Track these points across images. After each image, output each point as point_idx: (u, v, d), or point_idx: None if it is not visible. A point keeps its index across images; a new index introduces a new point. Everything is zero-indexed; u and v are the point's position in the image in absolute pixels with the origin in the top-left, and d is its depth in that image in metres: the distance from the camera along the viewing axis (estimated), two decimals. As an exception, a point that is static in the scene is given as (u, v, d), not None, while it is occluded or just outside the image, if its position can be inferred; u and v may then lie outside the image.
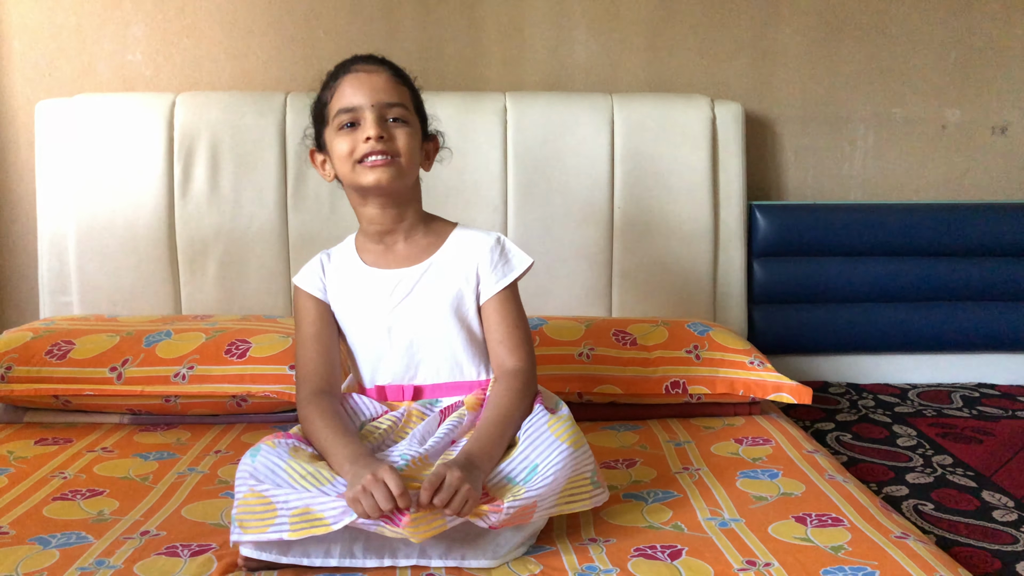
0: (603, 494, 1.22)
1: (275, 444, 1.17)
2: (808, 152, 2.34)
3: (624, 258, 2.10)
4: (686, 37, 2.27)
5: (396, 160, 1.29)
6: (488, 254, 1.34)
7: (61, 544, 1.18)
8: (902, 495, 1.58)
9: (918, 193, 2.37)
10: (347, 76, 1.31)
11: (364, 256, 1.37)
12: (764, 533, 1.22)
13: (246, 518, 1.10)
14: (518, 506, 1.10)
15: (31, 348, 1.68)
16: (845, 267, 2.24)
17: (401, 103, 1.31)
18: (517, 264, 1.35)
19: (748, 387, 1.71)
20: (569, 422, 1.23)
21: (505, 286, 1.33)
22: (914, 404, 2.09)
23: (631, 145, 2.09)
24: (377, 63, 1.34)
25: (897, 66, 2.32)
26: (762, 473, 1.44)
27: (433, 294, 1.32)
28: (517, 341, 1.32)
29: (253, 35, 2.20)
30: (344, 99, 1.29)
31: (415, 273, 1.33)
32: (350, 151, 1.29)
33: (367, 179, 1.28)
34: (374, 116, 1.28)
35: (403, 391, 1.33)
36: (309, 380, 1.31)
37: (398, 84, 1.33)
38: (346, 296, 1.35)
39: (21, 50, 2.16)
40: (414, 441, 1.21)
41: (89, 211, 2.02)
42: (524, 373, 1.29)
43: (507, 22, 2.24)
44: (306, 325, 1.36)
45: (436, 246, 1.35)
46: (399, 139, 1.29)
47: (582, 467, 1.19)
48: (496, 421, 1.21)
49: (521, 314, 1.35)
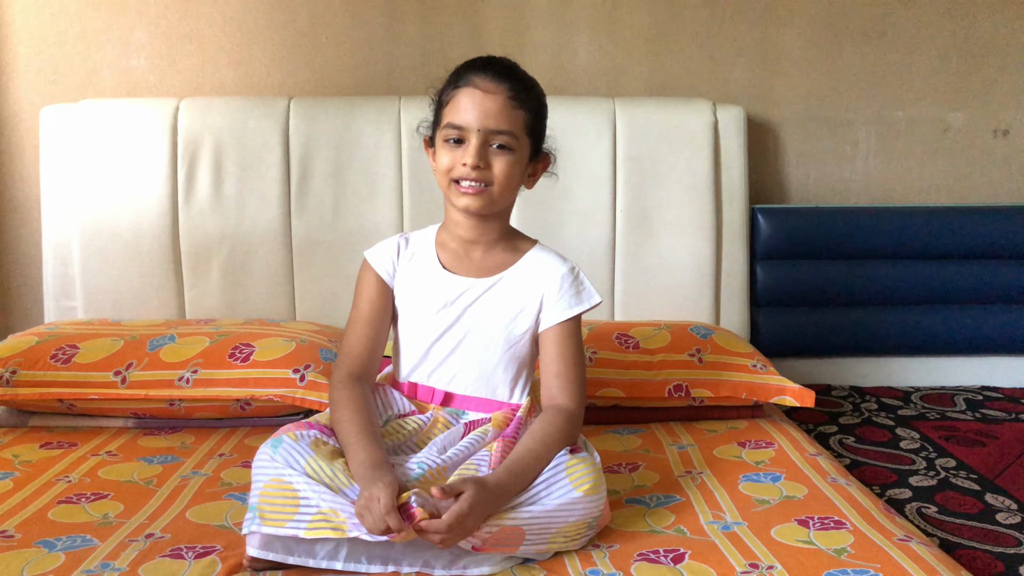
0: (592, 535, 1.22)
1: (297, 437, 1.17)
2: (810, 155, 2.34)
3: (626, 261, 2.10)
4: (688, 41, 2.27)
5: (488, 189, 1.28)
6: (559, 281, 1.33)
7: (66, 547, 1.19)
8: (905, 498, 1.58)
9: (920, 196, 2.37)
10: (466, 89, 1.26)
11: (441, 253, 1.36)
12: (767, 536, 1.22)
13: (267, 509, 1.10)
14: (499, 526, 1.10)
15: (36, 352, 1.69)
16: (847, 270, 2.24)
17: (510, 131, 1.27)
18: (586, 299, 1.34)
19: (751, 390, 1.71)
20: (589, 467, 1.21)
21: (569, 318, 1.32)
22: (917, 407, 2.09)
23: (633, 149, 2.10)
24: (499, 79, 1.27)
25: (899, 69, 2.32)
26: (765, 476, 1.44)
27: (494, 310, 1.32)
28: (572, 380, 1.30)
29: (256, 41, 2.21)
30: (455, 114, 1.27)
31: (483, 285, 1.33)
32: (449, 168, 1.28)
33: (458, 202, 1.29)
34: (478, 142, 1.25)
35: (433, 394, 1.33)
36: (348, 362, 1.32)
37: (513, 108, 1.27)
38: (413, 288, 1.35)
39: (26, 56, 2.18)
40: (434, 450, 1.22)
41: (93, 216, 2.03)
42: (573, 416, 1.28)
43: (509, 26, 2.24)
44: (363, 304, 1.35)
45: (511, 263, 1.35)
46: (497, 167, 1.27)
47: (586, 513, 1.18)
48: (535, 457, 1.20)
49: (580, 352, 1.33)
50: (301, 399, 1.62)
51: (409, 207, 2.07)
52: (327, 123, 2.06)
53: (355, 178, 2.06)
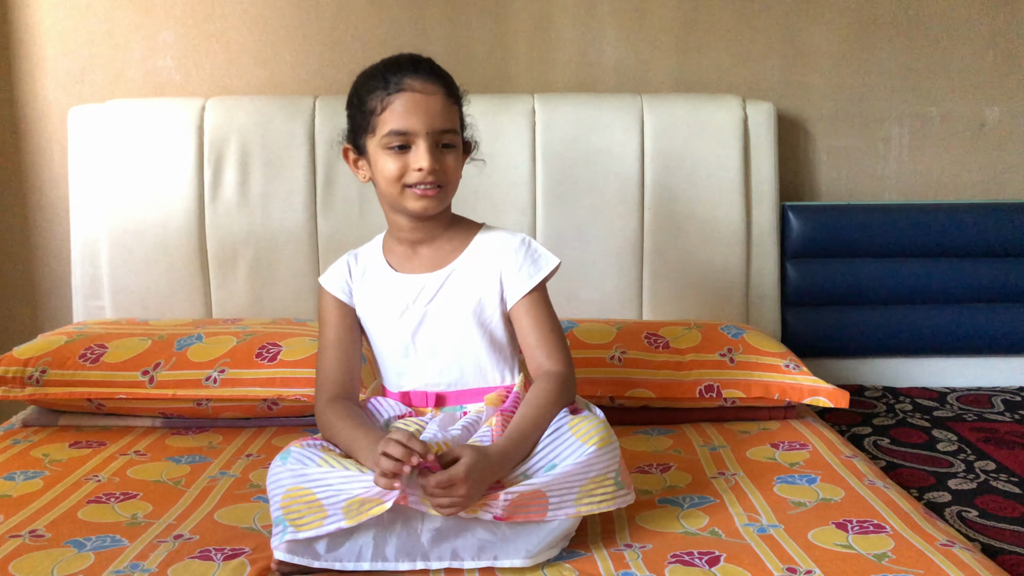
0: (628, 495, 1.20)
1: (304, 446, 1.17)
2: (842, 152, 2.30)
3: (655, 260, 2.07)
4: (717, 36, 2.24)
5: (443, 189, 1.27)
6: (512, 256, 1.32)
7: (96, 547, 1.19)
8: (944, 501, 1.54)
9: (956, 193, 2.32)
10: (403, 94, 1.24)
11: (390, 258, 1.36)
12: (804, 540, 1.19)
13: (295, 516, 1.10)
14: (518, 492, 1.09)
15: (65, 352, 1.70)
16: (880, 268, 2.20)
17: (453, 128, 1.27)
18: (544, 264, 1.32)
19: (784, 391, 1.68)
20: (593, 422, 1.19)
21: (533, 287, 1.31)
22: (954, 408, 2.04)
23: (661, 146, 2.07)
24: (433, 80, 1.27)
25: (933, 63, 2.27)
26: (800, 478, 1.41)
27: (456, 300, 1.31)
28: (553, 344, 1.30)
29: (281, 39, 2.21)
30: (397, 120, 1.24)
31: (438, 278, 1.32)
32: (399, 175, 1.25)
33: (413, 206, 1.27)
34: (427, 144, 1.24)
35: (427, 397, 1.32)
36: (326, 387, 1.31)
37: (451, 105, 1.28)
38: (371, 300, 1.34)
39: (54, 57, 2.19)
40: (435, 426, 1.22)
41: (121, 216, 2.04)
42: (563, 377, 1.27)
43: (535, 23, 2.22)
44: (328, 329, 1.35)
45: (460, 250, 1.33)
46: (448, 167, 1.27)
47: (604, 467, 1.16)
48: (532, 421, 1.19)
49: (553, 316, 1.33)
50: (328, 399, 1.61)
51: (435, 206, 2.05)
52: (352, 122, 2.05)
53: (381, 177, 2.05)
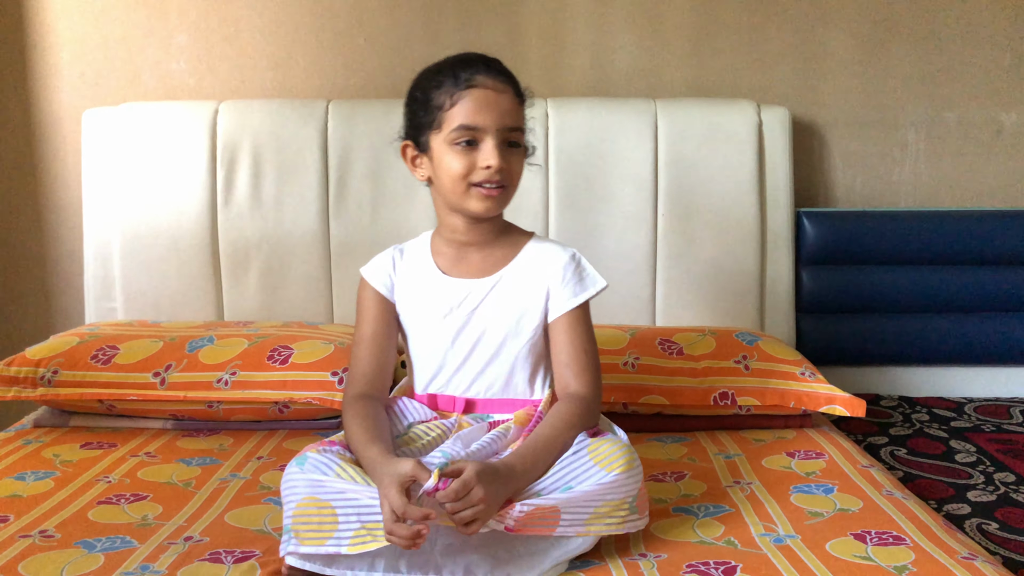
0: (640, 521, 1.18)
1: (321, 452, 1.15)
2: (857, 157, 2.28)
3: (668, 266, 2.06)
4: (731, 41, 2.23)
5: (507, 190, 1.26)
6: (561, 271, 1.30)
7: (106, 548, 1.18)
8: (964, 513, 1.51)
9: (972, 200, 2.29)
10: (474, 90, 1.23)
11: (438, 259, 1.33)
12: (822, 551, 1.17)
13: (302, 528, 1.08)
14: (535, 505, 1.08)
15: (77, 353, 1.69)
16: (896, 276, 2.18)
17: (521, 127, 1.26)
18: (590, 284, 1.31)
19: (799, 399, 1.66)
20: (615, 446, 1.17)
21: (576, 306, 1.29)
22: (971, 419, 2.02)
23: (675, 151, 2.05)
24: (504, 80, 1.26)
25: (950, 68, 2.25)
26: (816, 488, 1.39)
27: (501, 309, 1.29)
28: (583, 366, 1.28)
29: (294, 44, 2.21)
30: (467, 115, 1.22)
31: (485, 285, 1.30)
32: (465, 172, 1.23)
33: (477, 206, 1.25)
34: (495, 142, 1.22)
35: (454, 402, 1.30)
36: (356, 382, 1.30)
37: (519, 105, 1.27)
38: (414, 299, 1.33)
39: (69, 60, 2.19)
40: (458, 443, 1.19)
41: (134, 218, 2.03)
42: (587, 402, 1.25)
43: (548, 28, 2.21)
44: (365, 324, 1.34)
45: (509, 258, 1.32)
46: (514, 167, 1.25)
47: (624, 494, 1.14)
48: (545, 441, 1.18)
49: (591, 337, 1.31)
50: (340, 402, 1.60)
51: (447, 210, 2.04)
52: (365, 125, 2.05)
53: (393, 181, 2.04)
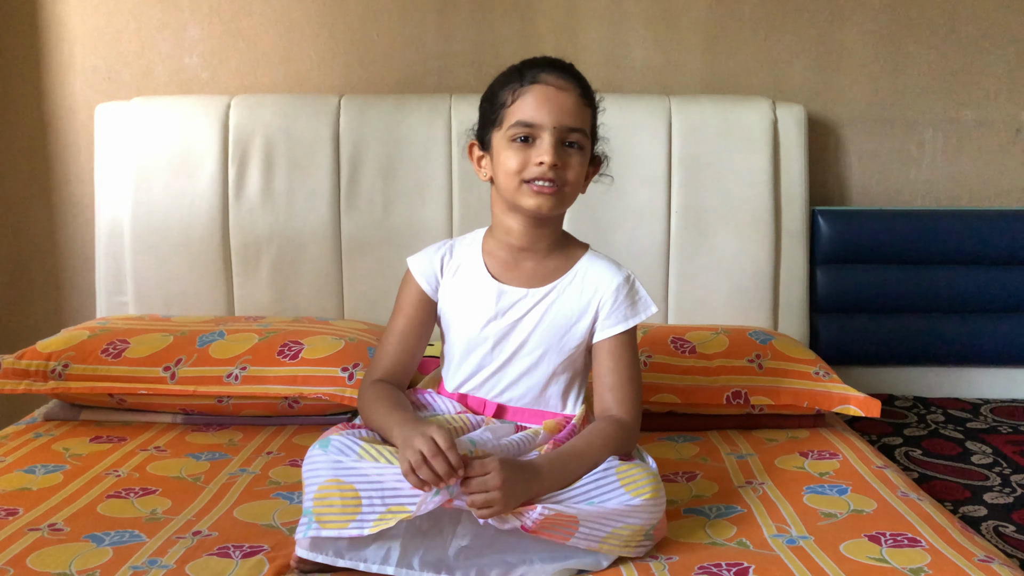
0: (651, 547, 1.17)
1: (344, 435, 1.14)
2: (873, 156, 2.25)
3: (681, 264, 2.04)
4: (746, 37, 2.21)
5: (562, 190, 1.23)
6: (613, 293, 1.27)
7: (115, 542, 1.18)
8: (980, 515, 1.49)
9: (990, 199, 2.27)
10: (535, 87, 1.22)
11: (489, 262, 1.30)
12: (836, 552, 1.16)
13: (324, 511, 1.07)
14: (556, 510, 1.07)
15: (87, 347, 1.69)
16: (912, 275, 2.15)
17: (582, 128, 1.23)
18: (642, 309, 1.28)
19: (813, 398, 1.64)
20: (643, 471, 1.16)
21: (625, 330, 1.27)
22: (987, 420, 1.99)
23: (689, 148, 2.04)
24: (569, 77, 1.24)
25: (968, 66, 2.22)
26: (830, 488, 1.38)
27: (547, 322, 1.27)
28: (627, 394, 1.26)
29: (307, 38, 2.20)
30: (526, 111, 1.21)
31: (535, 296, 1.27)
32: (519, 168, 1.21)
33: (528, 202, 1.23)
34: (553, 140, 1.20)
35: (485, 405, 1.29)
36: (376, 370, 1.30)
37: (584, 106, 1.24)
38: (459, 300, 1.30)
39: (82, 54, 2.20)
40: (488, 433, 1.19)
41: (146, 212, 2.03)
42: (624, 426, 1.24)
43: (562, 23, 2.20)
44: (400, 316, 1.32)
45: (562, 271, 1.29)
46: (571, 167, 1.22)
47: (644, 521, 1.13)
48: (577, 453, 1.17)
49: (635, 363, 1.29)
50: (350, 398, 1.60)
51: (459, 206, 2.03)
52: (377, 121, 2.04)
53: (405, 176, 2.04)
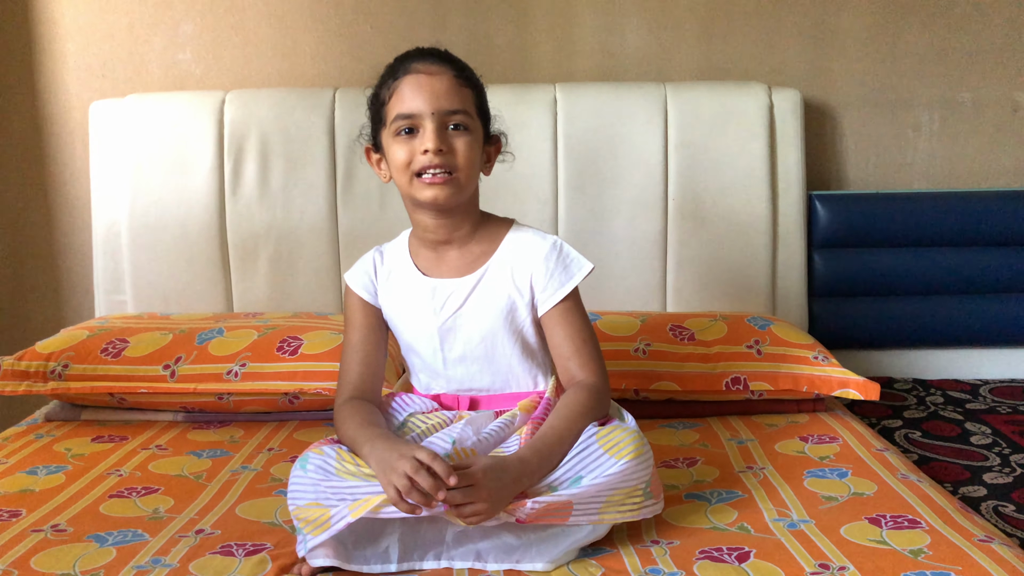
0: (656, 505, 1.17)
1: (322, 451, 1.13)
2: (870, 139, 2.25)
3: (679, 251, 2.04)
4: (741, 23, 2.20)
5: (455, 176, 1.21)
6: (543, 262, 1.26)
7: (117, 542, 1.18)
8: (980, 496, 1.50)
9: (987, 180, 2.26)
10: (407, 77, 1.22)
11: (417, 261, 1.31)
12: (836, 535, 1.16)
13: (308, 527, 1.08)
14: (547, 501, 1.07)
15: (87, 346, 1.70)
16: (910, 258, 2.15)
17: (463, 109, 1.22)
18: (576, 270, 1.27)
19: (812, 383, 1.65)
20: (624, 432, 1.16)
21: (565, 295, 1.27)
22: (987, 400, 2.00)
23: (685, 135, 2.03)
24: (439, 61, 1.24)
25: (964, 47, 2.22)
26: (830, 472, 1.38)
27: (486, 307, 1.27)
28: (587, 356, 1.25)
29: (301, 32, 2.20)
30: (403, 103, 1.21)
31: (467, 284, 1.27)
32: (407, 161, 1.21)
33: (424, 195, 1.22)
34: (434, 125, 1.20)
35: (459, 401, 1.29)
36: (345, 389, 1.28)
37: (461, 86, 1.23)
38: (398, 302, 1.31)
39: (75, 52, 2.19)
40: (468, 428, 1.18)
41: (142, 210, 2.03)
42: (596, 389, 1.23)
43: (556, 12, 2.19)
44: (351, 330, 1.32)
45: (489, 253, 1.28)
46: (459, 151, 1.21)
47: (636, 480, 1.13)
48: (558, 433, 1.16)
49: (586, 324, 1.28)
50: (349, 392, 1.60)
51: (455, 197, 2.03)
52: (372, 113, 2.04)
53: (401, 169, 2.03)
